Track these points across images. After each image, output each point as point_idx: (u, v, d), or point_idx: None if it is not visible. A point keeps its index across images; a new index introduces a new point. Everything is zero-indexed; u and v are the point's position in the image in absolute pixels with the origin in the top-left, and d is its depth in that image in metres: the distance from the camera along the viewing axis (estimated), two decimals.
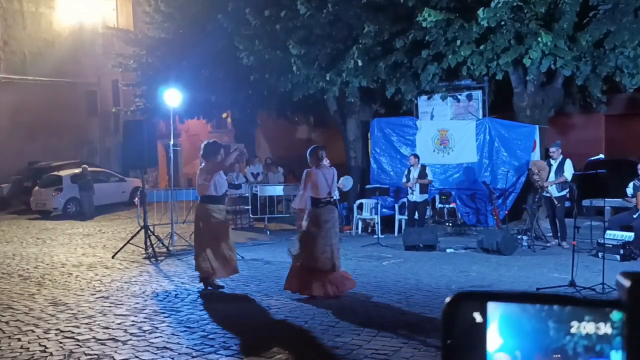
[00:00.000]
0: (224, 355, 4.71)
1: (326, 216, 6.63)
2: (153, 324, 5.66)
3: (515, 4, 10.21)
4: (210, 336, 5.32)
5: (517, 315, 0.61)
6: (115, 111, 22.57)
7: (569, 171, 10.14)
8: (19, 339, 5.22)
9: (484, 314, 0.62)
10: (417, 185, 11.63)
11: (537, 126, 12.44)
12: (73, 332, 5.39)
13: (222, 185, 7.21)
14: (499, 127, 12.88)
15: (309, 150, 6.97)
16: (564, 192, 10.31)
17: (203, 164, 7.35)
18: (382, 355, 4.58)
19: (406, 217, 12.42)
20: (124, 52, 18.88)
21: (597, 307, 0.59)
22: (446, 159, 13.33)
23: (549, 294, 0.62)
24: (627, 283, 0.58)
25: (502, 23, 10.55)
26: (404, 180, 11.98)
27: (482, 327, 0.62)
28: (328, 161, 12.85)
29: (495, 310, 0.62)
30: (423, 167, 11.87)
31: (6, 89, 24.63)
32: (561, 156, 10.41)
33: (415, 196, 11.72)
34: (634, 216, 9.47)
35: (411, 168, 11.89)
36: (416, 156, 12.02)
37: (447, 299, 0.62)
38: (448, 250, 10.30)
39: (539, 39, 10.19)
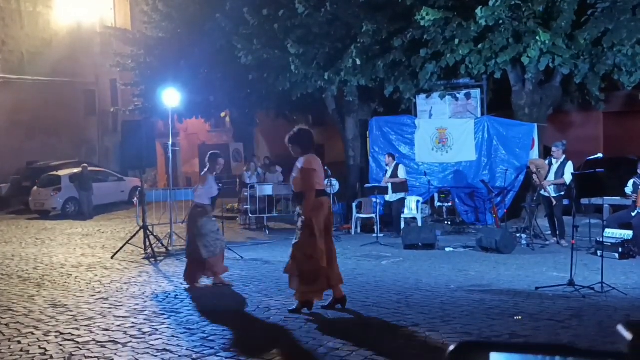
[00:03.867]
0: (224, 357, 4.71)
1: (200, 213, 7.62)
2: (153, 325, 5.66)
3: (513, 2, 10.22)
4: (210, 338, 5.32)
5: None
6: (114, 111, 22.56)
7: (569, 174, 9.99)
8: (19, 342, 5.22)
9: None
10: (390, 184, 11.71)
11: (535, 124, 12.45)
12: (73, 335, 5.39)
13: None
14: (497, 125, 12.89)
15: (209, 154, 7.87)
16: (562, 192, 10.29)
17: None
18: (381, 357, 4.58)
19: (406, 216, 12.42)
20: (122, 51, 18.84)
21: (599, 358, 0.59)
22: (445, 157, 13.35)
23: (551, 345, 0.62)
24: (628, 336, 0.58)
25: (501, 22, 10.56)
26: (383, 177, 12.22)
27: None
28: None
29: None
30: (397, 165, 11.94)
31: (4, 88, 24.60)
32: (563, 157, 10.30)
33: (389, 195, 11.80)
34: (633, 214, 9.48)
35: (386, 167, 12.00)
36: (391, 155, 12.18)
37: (450, 348, 0.62)
38: (447, 249, 10.31)
39: (537, 37, 10.20)
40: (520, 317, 5.64)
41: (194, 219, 7.62)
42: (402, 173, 11.92)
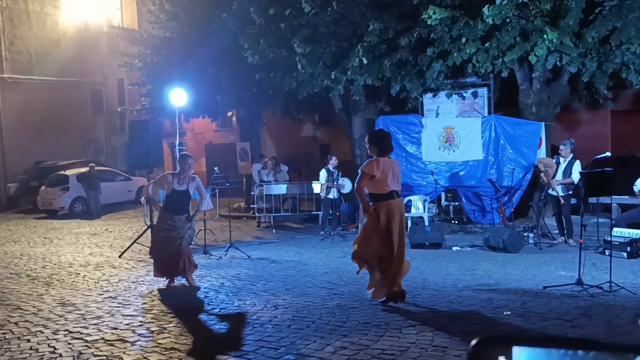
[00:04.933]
0: (232, 356, 4.73)
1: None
2: (161, 324, 5.68)
3: (520, 1, 10.17)
4: (218, 336, 5.34)
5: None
6: (121, 110, 22.65)
7: (576, 173, 9.87)
8: (28, 340, 5.26)
9: (509, 358, 0.61)
10: None
11: (542, 123, 12.41)
12: (82, 333, 5.42)
13: None
14: (504, 124, 12.84)
15: (180, 156, 7.92)
16: (570, 191, 10.23)
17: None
18: (389, 356, 4.58)
19: (413, 216, 12.40)
20: (129, 51, 18.90)
21: (621, 352, 0.59)
22: (452, 156, 13.31)
23: (573, 338, 0.62)
24: None
25: (508, 20, 10.52)
26: None
27: None
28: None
29: (520, 354, 0.61)
30: None
31: (12, 88, 24.72)
32: (571, 155, 10.20)
33: None
34: None
35: None
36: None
37: (473, 342, 0.62)
38: (454, 249, 10.29)
39: (545, 35, 10.16)
40: (509, 313, 5.68)
41: None
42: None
